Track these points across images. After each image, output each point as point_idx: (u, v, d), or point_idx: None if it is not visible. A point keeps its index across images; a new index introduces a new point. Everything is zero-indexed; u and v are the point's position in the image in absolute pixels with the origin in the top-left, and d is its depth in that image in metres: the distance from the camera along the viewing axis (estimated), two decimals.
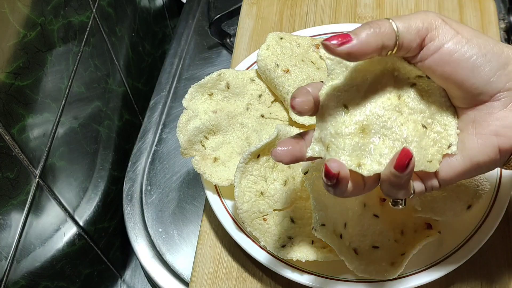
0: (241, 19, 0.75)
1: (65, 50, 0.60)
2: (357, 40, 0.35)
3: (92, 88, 0.68)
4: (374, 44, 0.35)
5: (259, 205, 0.50)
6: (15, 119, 0.49)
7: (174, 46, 0.87)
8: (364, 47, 0.35)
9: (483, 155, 0.37)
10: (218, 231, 0.58)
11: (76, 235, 0.65)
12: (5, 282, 0.49)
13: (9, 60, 0.48)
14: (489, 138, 0.36)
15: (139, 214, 0.70)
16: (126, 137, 0.81)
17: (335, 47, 0.35)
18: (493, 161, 0.37)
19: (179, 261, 0.67)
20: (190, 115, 0.54)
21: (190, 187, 0.73)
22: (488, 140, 0.36)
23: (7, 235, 0.49)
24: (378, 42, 0.35)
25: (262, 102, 0.58)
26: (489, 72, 0.35)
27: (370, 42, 0.35)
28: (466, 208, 0.49)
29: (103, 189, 0.73)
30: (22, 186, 0.51)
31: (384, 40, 0.35)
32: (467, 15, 0.71)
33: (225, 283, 0.55)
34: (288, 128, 0.51)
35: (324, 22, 0.73)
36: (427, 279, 0.49)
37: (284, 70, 0.56)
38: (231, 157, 0.55)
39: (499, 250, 0.54)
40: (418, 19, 0.36)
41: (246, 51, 0.71)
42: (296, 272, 0.51)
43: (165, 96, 0.81)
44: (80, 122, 0.65)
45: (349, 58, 0.35)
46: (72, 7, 0.61)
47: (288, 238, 0.51)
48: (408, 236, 0.50)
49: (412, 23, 0.35)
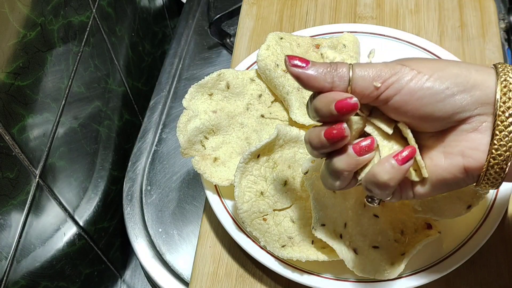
0: (241, 19, 0.75)
1: (65, 50, 0.60)
2: (310, 70, 0.37)
3: (92, 88, 0.68)
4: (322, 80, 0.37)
5: (259, 205, 0.50)
6: (15, 119, 0.49)
7: (174, 46, 0.87)
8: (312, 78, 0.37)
9: (448, 173, 0.38)
10: (218, 231, 0.58)
11: (76, 235, 0.65)
12: (5, 282, 0.49)
13: (9, 60, 0.48)
14: (455, 157, 0.37)
15: (139, 214, 0.70)
16: (126, 137, 0.81)
17: (289, 65, 0.37)
18: (459, 179, 0.38)
19: (179, 261, 0.67)
20: (190, 115, 0.54)
21: (190, 187, 0.73)
22: (454, 160, 0.37)
23: (7, 235, 0.49)
24: (328, 80, 0.37)
25: (262, 102, 0.58)
26: (454, 103, 0.36)
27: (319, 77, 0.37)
28: (466, 208, 0.49)
29: (103, 189, 0.73)
30: (22, 186, 0.51)
31: (335, 80, 0.37)
32: (467, 15, 0.71)
33: (225, 283, 0.55)
34: (288, 128, 0.51)
35: (324, 22, 0.73)
36: (427, 279, 0.49)
37: (284, 70, 0.56)
38: (231, 157, 0.55)
39: (499, 250, 0.54)
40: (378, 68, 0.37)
41: (246, 51, 0.71)
42: (296, 272, 0.51)
43: (165, 96, 0.81)
44: (80, 122, 0.65)
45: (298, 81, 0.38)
46: (72, 7, 0.61)
47: (288, 238, 0.51)
48: (408, 236, 0.50)
49: (370, 71, 0.37)
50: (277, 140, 0.51)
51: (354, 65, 0.38)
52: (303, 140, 0.52)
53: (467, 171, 0.37)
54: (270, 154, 0.51)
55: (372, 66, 0.38)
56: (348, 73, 0.37)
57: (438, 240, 0.50)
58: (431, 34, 0.69)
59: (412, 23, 0.71)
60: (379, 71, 0.37)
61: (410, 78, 0.37)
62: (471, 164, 0.37)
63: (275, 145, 0.51)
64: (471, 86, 0.36)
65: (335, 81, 0.37)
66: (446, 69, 0.37)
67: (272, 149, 0.51)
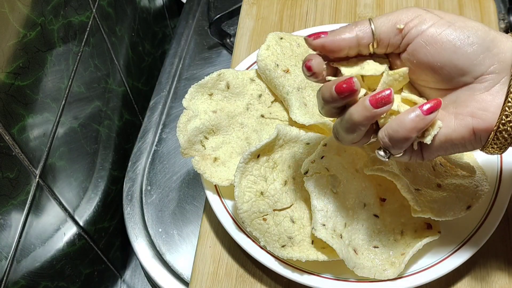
0: (241, 19, 0.75)
1: (65, 50, 0.60)
2: (331, 33, 0.38)
3: (92, 88, 0.68)
4: (348, 36, 0.38)
5: (259, 205, 0.50)
6: (15, 119, 0.49)
7: (174, 46, 0.87)
8: (337, 38, 0.38)
9: (457, 133, 0.38)
10: (218, 231, 0.58)
11: (76, 235, 0.65)
12: (5, 282, 0.49)
13: (9, 60, 0.48)
14: (464, 118, 0.37)
15: (139, 214, 0.70)
16: (126, 137, 0.81)
17: (311, 39, 0.38)
18: (467, 140, 0.38)
19: (179, 261, 0.67)
20: (190, 115, 0.54)
21: (190, 187, 0.73)
22: (463, 120, 0.37)
23: (7, 235, 0.49)
24: (352, 34, 0.38)
25: (262, 102, 0.58)
26: (473, 54, 0.36)
27: (344, 34, 0.38)
28: (465, 209, 0.49)
29: (103, 189, 0.73)
30: (22, 186, 0.51)
31: (358, 32, 0.38)
32: (467, 15, 0.71)
33: (225, 283, 0.55)
34: (288, 128, 0.51)
35: (324, 22, 0.73)
36: (427, 279, 0.49)
37: (284, 70, 0.56)
38: (231, 157, 0.55)
39: (499, 250, 0.54)
40: (397, 12, 0.38)
41: (246, 51, 0.71)
42: (296, 272, 0.51)
43: (165, 96, 0.81)
44: (80, 122, 0.65)
45: (323, 50, 0.38)
46: (72, 7, 0.61)
47: (288, 238, 0.51)
48: (408, 236, 0.50)
49: (390, 17, 0.38)
50: (277, 140, 0.51)
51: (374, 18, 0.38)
52: (303, 140, 0.52)
53: (475, 133, 0.37)
54: (270, 154, 0.51)
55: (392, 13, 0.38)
56: (368, 24, 0.38)
57: (438, 240, 0.50)
58: None
59: None
60: (400, 14, 0.38)
61: (432, 23, 0.37)
62: (480, 125, 0.37)
63: (275, 145, 0.51)
64: (490, 41, 0.36)
65: (358, 34, 0.38)
66: (467, 21, 0.37)
67: (272, 149, 0.51)
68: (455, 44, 0.36)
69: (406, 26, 0.37)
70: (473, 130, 0.37)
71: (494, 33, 0.37)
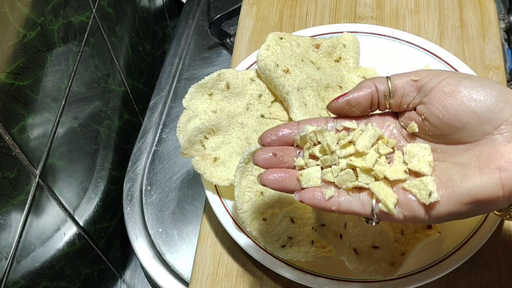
0: (241, 19, 0.75)
1: (65, 50, 0.60)
2: (352, 91, 0.41)
3: (92, 88, 0.68)
4: (367, 88, 0.40)
5: (259, 205, 0.50)
6: (15, 119, 0.49)
7: (174, 46, 0.87)
8: (357, 93, 0.40)
9: (485, 190, 0.35)
10: (218, 231, 0.58)
11: (76, 235, 0.65)
12: (5, 282, 0.49)
13: (9, 60, 0.48)
14: (492, 172, 0.35)
15: (139, 214, 0.70)
16: (126, 137, 0.81)
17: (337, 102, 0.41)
18: (495, 198, 0.35)
19: (179, 261, 0.67)
20: (190, 115, 0.54)
21: (190, 187, 0.73)
22: (491, 175, 0.35)
23: (7, 235, 0.49)
24: (371, 85, 0.40)
25: (262, 102, 0.58)
26: (491, 102, 0.36)
27: (363, 87, 0.40)
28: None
29: (103, 189, 0.73)
30: (22, 186, 0.51)
31: (376, 83, 0.40)
32: (467, 15, 0.71)
33: (225, 283, 0.55)
34: None
35: (324, 22, 0.73)
36: (427, 279, 0.49)
37: (284, 70, 0.56)
38: (231, 157, 0.55)
39: (499, 250, 0.54)
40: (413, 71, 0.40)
41: (246, 51, 0.71)
42: (296, 272, 0.51)
43: (165, 96, 0.81)
44: (80, 122, 0.65)
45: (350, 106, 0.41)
46: (72, 7, 0.61)
47: (288, 238, 0.51)
48: (408, 236, 0.50)
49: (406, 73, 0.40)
50: None
51: None
52: None
53: (504, 188, 0.35)
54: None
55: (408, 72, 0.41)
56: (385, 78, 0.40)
57: (438, 240, 0.50)
58: (431, 34, 0.69)
59: (412, 23, 0.71)
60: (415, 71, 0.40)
61: (448, 75, 0.38)
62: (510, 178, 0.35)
63: None
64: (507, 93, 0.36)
65: (376, 84, 0.40)
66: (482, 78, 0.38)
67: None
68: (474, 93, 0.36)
69: (422, 79, 0.39)
70: (502, 185, 0.35)
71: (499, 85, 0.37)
